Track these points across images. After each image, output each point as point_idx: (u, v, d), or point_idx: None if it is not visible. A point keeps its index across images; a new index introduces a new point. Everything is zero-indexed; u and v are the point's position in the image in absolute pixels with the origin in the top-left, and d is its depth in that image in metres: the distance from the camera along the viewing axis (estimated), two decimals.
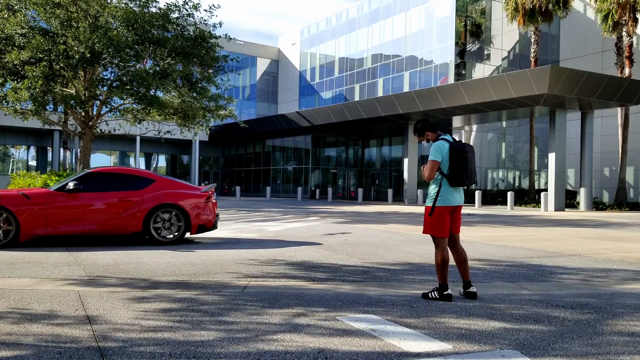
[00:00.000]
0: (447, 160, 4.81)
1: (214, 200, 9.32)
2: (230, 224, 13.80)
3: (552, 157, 25.90)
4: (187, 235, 9.36)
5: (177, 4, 19.04)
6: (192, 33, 19.60)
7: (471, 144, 36.85)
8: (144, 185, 8.84)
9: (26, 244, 8.28)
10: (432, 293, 4.84)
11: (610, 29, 28.82)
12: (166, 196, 8.78)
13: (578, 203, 28.11)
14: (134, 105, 20.25)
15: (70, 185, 8.45)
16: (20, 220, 8.08)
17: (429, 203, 4.86)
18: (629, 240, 10.87)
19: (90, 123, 19.76)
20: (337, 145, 41.84)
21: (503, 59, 38.13)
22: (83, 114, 19.69)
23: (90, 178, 8.82)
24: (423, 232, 4.99)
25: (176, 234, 8.81)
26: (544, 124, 33.31)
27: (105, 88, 18.99)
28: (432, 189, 4.89)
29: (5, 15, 17.24)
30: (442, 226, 4.80)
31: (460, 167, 4.77)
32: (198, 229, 8.93)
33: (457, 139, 4.99)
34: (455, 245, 4.98)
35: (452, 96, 26.78)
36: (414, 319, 4.09)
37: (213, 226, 9.20)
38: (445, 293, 4.78)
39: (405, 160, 33.21)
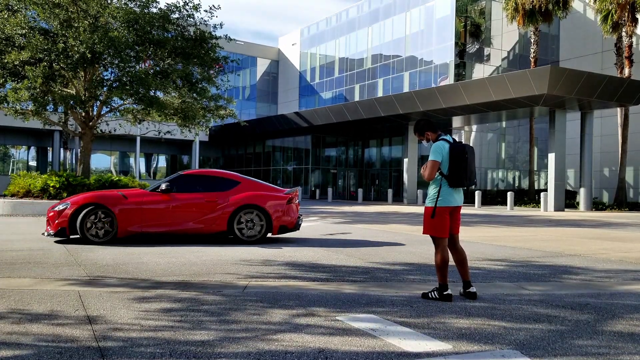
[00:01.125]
0: (447, 160, 4.82)
1: (297, 202, 9.70)
2: None
3: (551, 157, 25.91)
4: (269, 235, 9.65)
5: (177, 5, 19.03)
6: (192, 34, 19.60)
7: (471, 144, 37.00)
8: (229, 187, 9.36)
9: (122, 240, 9.05)
10: (432, 293, 4.84)
11: (610, 29, 28.84)
12: (249, 197, 9.20)
13: (578, 203, 28.11)
14: (134, 106, 20.25)
15: (163, 186, 9.13)
16: (118, 218, 8.79)
17: (429, 204, 4.86)
18: (629, 240, 10.88)
19: (91, 123, 19.76)
20: (337, 146, 41.85)
21: (503, 59, 38.14)
22: (83, 114, 19.69)
23: (182, 180, 9.45)
24: (423, 233, 5.00)
25: (258, 233, 9.16)
26: (544, 124, 33.32)
27: (105, 88, 18.99)
28: (432, 189, 4.89)
29: (5, 16, 17.24)
30: (442, 227, 4.81)
31: (460, 168, 4.77)
32: (279, 229, 9.26)
33: (457, 140, 4.99)
34: (455, 246, 4.98)
35: (452, 96, 26.79)
36: (414, 319, 4.10)
37: (294, 227, 9.48)
38: (445, 293, 4.77)
39: (405, 161, 33.22)
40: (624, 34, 28.91)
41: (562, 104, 25.22)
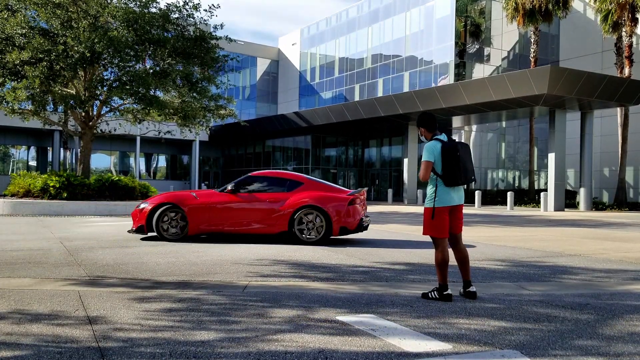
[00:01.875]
0: (439, 160, 4.78)
1: (362, 203, 9.52)
2: None
3: (551, 157, 25.91)
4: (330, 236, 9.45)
5: (177, 5, 19.03)
6: (192, 33, 19.60)
7: (471, 144, 37.02)
8: (292, 187, 9.46)
9: (192, 238, 9.44)
10: (432, 293, 4.84)
11: (610, 29, 28.84)
12: (308, 198, 9.19)
13: (578, 203, 28.12)
14: (134, 105, 20.25)
15: (229, 186, 9.44)
16: (189, 217, 9.24)
17: (428, 204, 4.84)
18: (629, 240, 10.88)
19: (91, 123, 19.76)
20: (337, 145, 41.85)
21: (503, 59, 38.14)
22: (83, 114, 19.69)
23: (249, 180, 9.69)
24: (423, 234, 4.98)
25: (317, 235, 9.08)
26: (544, 124, 33.32)
27: (105, 88, 18.99)
28: (430, 189, 4.87)
29: (5, 16, 17.23)
30: (441, 227, 4.79)
31: (452, 167, 4.72)
32: (340, 230, 9.10)
33: (452, 138, 4.94)
34: (456, 245, 4.95)
35: (452, 96, 26.79)
36: (414, 319, 4.10)
37: (357, 229, 9.25)
38: (445, 293, 4.76)
39: (405, 160, 33.22)
40: (624, 33, 28.91)
41: (562, 104, 25.22)
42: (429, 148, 4.82)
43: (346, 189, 9.62)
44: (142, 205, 9.49)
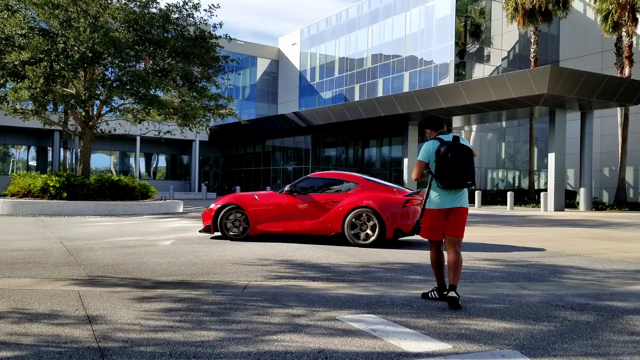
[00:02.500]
0: (433, 160, 4.64)
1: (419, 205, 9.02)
2: None
3: (551, 157, 25.91)
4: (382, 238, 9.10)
5: (177, 5, 19.04)
6: (192, 33, 19.61)
7: (471, 143, 36.91)
8: (348, 188, 9.33)
9: (254, 238, 9.65)
10: (432, 293, 4.82)
11: (610, 29, 28.83)
12: (362, 199, 8.97)
13: (578, 203, 28.11)
14: (134, 105, 20.26)
15: (287, 187, 9.50)
16: (250, 218, 9.52)
17: (423, 205, 4.79)
18: (629, 240, 10.88)
19: (91, 123, 19.76)
20: (337, 145, 41.85)
21: (503, 59, 38.13)
22: (83, 114, 19.69)
23: (307, 182, 9.67)
24: (419, 234, 4.97)
25: (369, 237, 8.82)
26: (544, 124, 33.32)
27: (105, 88, 18.99)
28: (426, 190, 4.78)
29: (5, 16, 17.23)
30: (432, 229, 4.70)
31: (444, 169, 4.53)
32: (394, 233, 8.76)
33: (457, 139, 4.69)
34: (451, 249, 4.68)
35: (452, 96, 26.79)
36: (414, 319, 4.10)
37: (413, 231, 8.86)
38: (444, 293, 4.73)
39: (405, 160, 33.22)
40: (624, 33, 28.91)
41: (562, 104, 25.22)
42: (425, 147, 4.72)
43: (404, 190, 9.31)
44: (211, 206, 9.89)
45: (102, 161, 44.39)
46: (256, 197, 9.66)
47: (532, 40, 31.85)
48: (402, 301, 4.74)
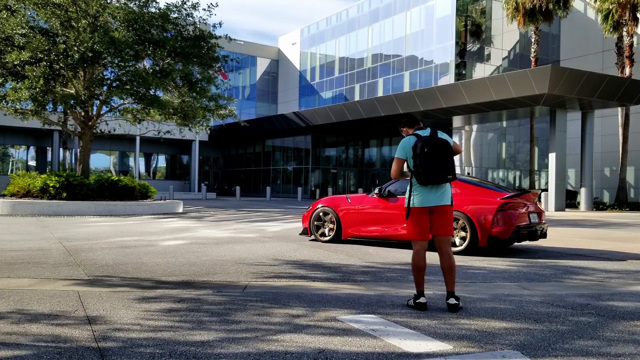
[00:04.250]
0: (410, 157, 4.49)
1: (523, 208, 8.08)
2: (231, 224, 13.80)
3: (552, 157, 25.90)
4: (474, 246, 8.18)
5: (176, 4, 19.03)
6: (191, 33, 19.60)
7: (471, 144, 36.97)
8: None
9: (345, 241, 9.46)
10: (410, 301, 4.56)
11: (611, 29, 28.83)
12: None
13: (578, 203, 28.10)
14: (134, 105, 20.25)
15: (376, 190, 9.00)
16: (342, 221, 9.27)
17: (406, 204, 4.59)
18: (630, 241, 10.87)
19: (90, 123, 19.75)
20: (337, 145, 41.84)
21: (503, 59, 38.12)
22: (83, 114, 19.68)
23: (395, 185, 8.86)
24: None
25: (458, 244, 8.02)
26: (545, 124, 33.31)
27: (105, 88, 18.98)
28: (408, 188, 4.61)
29: (5, 16, 17.22)
30: (415, 228, 4.51)
31: (421, 165, 4.37)
32: (488, 240, 7.82)
33: (435, 133, 4.51)
34: (441, 250, 4.53)
35: (452, 96, 26.78)
36: (414, 319, 4.09)
37: (511, 239, 7.86)
38: (417, 301, 4.43)
39: None
40: (624, 33, 28.90)
41: (562, 104, 25.21)
42: (402, 143, 4.57)
43: (505, 192, 8.27)
44: (310, 209, 9.84)
45: (102, 161, 44.38)
46: (349, 199, 9.40)
47: (533, 40, 31.84)
48: (403, 301, 4.73)
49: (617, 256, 8.21)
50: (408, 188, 4.58)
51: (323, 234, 9.48)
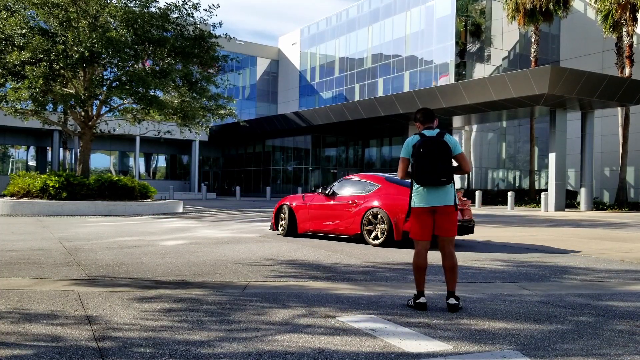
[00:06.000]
0: (410, 155, 4.49)
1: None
2: (231, 224, 13.80)
3: (552, 157, 25.89)
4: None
5: (176, 4, 19.02)
6: (191, 33, 19.59)
7: (471, 144, 36.98)
8: (370, 190, 9.40)
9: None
10: (409, 301, 4.58)
11: (611, 29, 28.82)
12: (375, 200, 9.06)
13: (578, 203, 28.10)
14: (134, 105, 20.25)
15: (319, 190, 10.12)
16: (297, 217, 10.23)
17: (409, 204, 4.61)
18: (630, 241, 10.87)
19: (90, 123, 19.75)
20: (337, 145, 41.83)
21: (503, 59, 38.12)
22: (83, 114, 19.68)
23: (340, 184, 10.06)
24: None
25: (380, 238, 8.82)
26: (544, 124, 33.30)
27: (104, 88, 18.98)
28: (410, 188, 4.61)
29: (5, 16, 17.22)
30: (418, 228, 4.50)
31: (417, 164, 4.38)
32: (402, 235, 8.58)
33: (440, 134, 4.48)
34: (442, 250, 4.53)
35: (452, 96, 26.78)
36: (414, 319, 4.09)
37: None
38: (417, 301, 4.43)
39: None
40: (624, 33, 28.89)
41: (562, 104, 25.20)
42: (405, 143, 4.55)
43: None
44: (276, 206, 10.97)
45: (102, 161, 44.37)
46: (303, 197, 10.40)
47: (533, 40, 31.84)
48: (403, 301, 4.73)
49: (616, 256, 8.21)
50: (410, 188, 4.58)
51: (284, 229, 10.41)
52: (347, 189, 9.76)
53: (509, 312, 4.40)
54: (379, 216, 8.88)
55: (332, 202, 9.72)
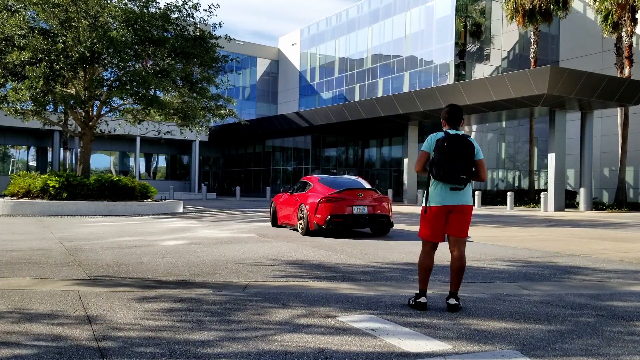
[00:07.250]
0: (432, 149, 4.41)
1: (340, 202, 10.30)
2: (231, 224, 13.80)
3: (552, 157, 25.90)
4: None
5: (176, 4, 19.03)
6: (191, 33, 19.60)
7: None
8: (307, 188, 11.34)
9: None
10: (410, 300, 4.55)
11: (610, 29, 28.83)
12: (306, 197, 10.88)
13: (578, 203, 28.10)
14: (134, 106, 20.25)
15: (288, 188, 12.48)
16: (277, 212, 12.50)
17: (423, 202, 4.53)
18: (629, 241, 10.88)
19: (90, 123, 19.75)
20: (337, 145, 41.83)
21: (503, 59, 38.13)
22: (83, 114, 19.69)
23: (298, 184, 12.03)
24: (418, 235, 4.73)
25: (304, 229, 10.68)
26: (544, 124, 33.30)
27: (105, 88, 18.98)
28: (426, 188, 4.55)
29: (5, 16, 17.23)
30: (430, 229, 4.42)
31: (439, 158, 4.27)
32: (315, 225, 10.36)
33: (464, 134, 4.42)
34: (456, 250, 4.44)
35: (452, 96, 26.77)
36: (414, 319, 4.09)
37: (326, 224, 10.16)
38: (417, 301, 4.41)
39: (405, 161, 33.20)
40: (624, 34, 28.90)
41: (562, 104, 25.21)
42: (428, 138, 4.48)
43: (334, 189, 10.60)
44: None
45: (102, 161, 44.36)
46: (282, 196, 12.46)
47: (532, 40, 31.84)
48: (403, 301, 4.73)
49: (616, 256, 8.21)
50: (426, 186, 4.48)
51: (271, 221, 12.85)
52: (300, 188, 11.67)
53: (508, 312, 4.41)
54: (304, 210, 10.66)
55: (290, 200, 11.68)
